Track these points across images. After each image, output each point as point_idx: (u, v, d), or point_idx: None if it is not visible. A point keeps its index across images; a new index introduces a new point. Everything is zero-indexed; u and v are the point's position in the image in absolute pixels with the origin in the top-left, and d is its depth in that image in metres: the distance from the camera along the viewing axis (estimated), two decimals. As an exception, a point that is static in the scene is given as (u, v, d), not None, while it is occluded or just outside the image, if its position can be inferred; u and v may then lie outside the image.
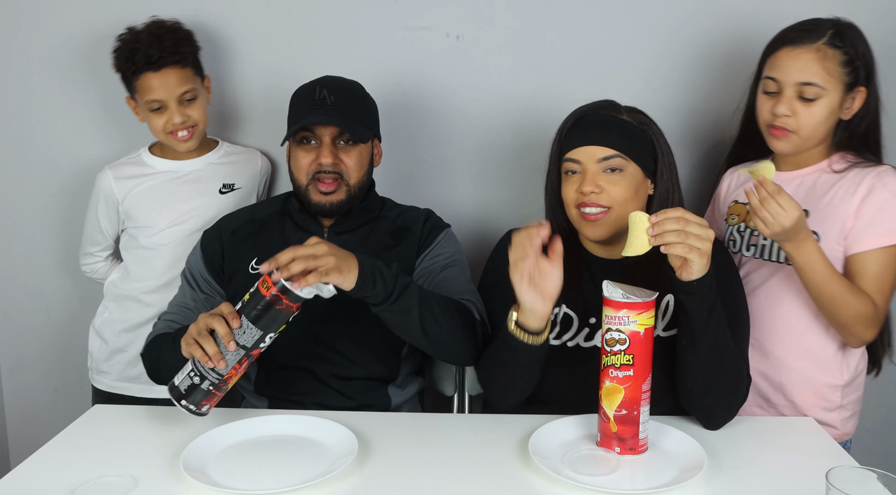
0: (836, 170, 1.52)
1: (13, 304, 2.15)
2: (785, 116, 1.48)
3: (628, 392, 1.23)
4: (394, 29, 1.94)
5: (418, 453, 1.31)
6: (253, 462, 1.25)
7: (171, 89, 1.74)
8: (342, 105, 1.53)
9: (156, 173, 1.86)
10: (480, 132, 1.99)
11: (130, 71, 1.74)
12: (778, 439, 1.38)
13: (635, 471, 1.23)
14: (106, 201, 1.87)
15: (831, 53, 1.45)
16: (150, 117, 1.78)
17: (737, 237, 1.63)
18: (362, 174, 1.57)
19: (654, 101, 1.95)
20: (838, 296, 1.42)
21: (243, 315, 1.24)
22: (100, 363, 1.92)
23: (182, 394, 1.27)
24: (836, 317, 1.46)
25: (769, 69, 1.52)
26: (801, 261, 1.41)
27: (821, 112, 1.47)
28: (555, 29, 1.93)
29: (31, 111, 2.03)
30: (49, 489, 1.17)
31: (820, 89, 1.45)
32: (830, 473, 0.99)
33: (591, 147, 1.39)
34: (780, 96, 1.48)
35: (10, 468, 1.25)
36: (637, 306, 1.21)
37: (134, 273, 1.88)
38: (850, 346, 1.53)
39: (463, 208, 2.01)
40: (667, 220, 1.21)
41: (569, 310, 1.47)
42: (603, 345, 1.25)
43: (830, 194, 1.50)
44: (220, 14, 1.94)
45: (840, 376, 1.56)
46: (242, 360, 1.26)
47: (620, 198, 1.39)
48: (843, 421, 1.60)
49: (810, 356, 1.56)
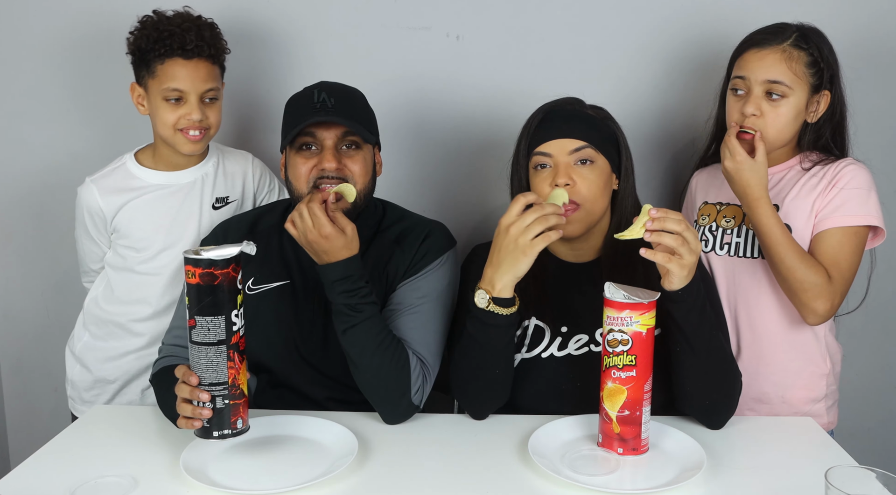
0: (804, 168, 1.58)
1: (13, 304, 2.15)
2: (753, 116, 1.51)
3: (631, 392, 1.23)
4: (394, 29, 1.94)
5: (418, 453, 1.31)
6: (253, 462, 1.25)
7: (198, 83, 1.62)
8: (344, 107, 1.46)
9: (147, 186, 1.71)
10: (480, 132, 1.99)
11: (157, 53, 1.59)
12: (778, 439, 1.39)
13: (635, 471, 1.23)
14: (93, 217, 1.72)
15: (797, 54, 1.50)
16: (162, 108, 1.62)
17: (709, 236, 1.65)
18: (368, 180, 1.50)
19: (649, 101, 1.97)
20: (788, 258, 1.47)
21: (196, 316, 1.16)
22: (82, 392, 1.80)
23: (209, 428, 1.19)
24: (787, 282, 1.49)
25: (737, 69, 1.56)
26: (755, 222, 1.49)
27: (787, 112, 1.51)
28: (555, 29, 1.93)
29: (29, 110, 2.03)
30: (49, 489, 1.17)
31: (786, 88, 1.50)
32: (830, 472, 0.99)
33: (562, 140, 1.42)
34: (748, 96, 1.52)
35: (10, 468, 1.25)
36: (639, 307, 1.22)
37: (122, 296, 1.74)
38: (808, 322, 1.52)
39: (462, 208, 2.01)
40: (669, 220, 1.23)
41: (539, 322, 1.47)
42: (605, 346, 1.25)
43: (797, 189, 1.56)
44: (220, 14, 1.93)
45: (824, 364, 1.60)
46: (231, 355, 1.18)
47: (590, 195, 1.41)
48: (829, 410, 1.63)
49: (793, 348, 1.59)
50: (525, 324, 1.47)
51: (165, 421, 1.37)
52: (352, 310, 1.37)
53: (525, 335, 1.47)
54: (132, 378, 1.77)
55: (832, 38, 1.57)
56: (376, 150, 1.58)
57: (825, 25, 1.58)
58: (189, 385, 1.18)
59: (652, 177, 2.00)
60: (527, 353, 1.46)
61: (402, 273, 1.50)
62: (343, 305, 1.37)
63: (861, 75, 1.76)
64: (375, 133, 1.55)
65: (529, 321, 1.47)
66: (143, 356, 1.75)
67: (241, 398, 1.20)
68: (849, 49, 1.66)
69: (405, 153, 1.98)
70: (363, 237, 1.48)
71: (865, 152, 1.68)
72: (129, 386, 1.77)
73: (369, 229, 1.54)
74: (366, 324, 1.37)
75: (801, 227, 1.53)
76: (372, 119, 1.55)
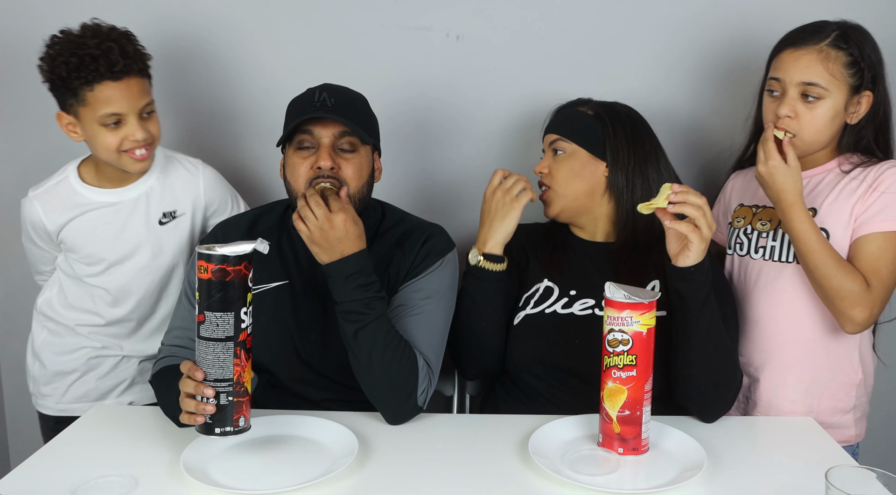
0: (844, 171, 1.52)
1: (13, 304, 2.15)
2: (787, 117, 1.47)
3: (631, 392, 1.23)
4: (394, 29, 1.94)
5: (418, 453, 1.31)
6: (253, 462, 1.25)
7: (133, 102, 1.54)
8: (343, 108, 1.46)
9: (90, 203, 1.65)
10: (480, 132, 1.99)
11: (83, 79, 1.49)
12: (778, 439, 1.39)
13: (635, 471, 1.23)
14: (37, 231, 1.69)
15: (834, 54, 1.45)
16: (100, 134, 1.54)
17: (743, 239, 1.61)
18: (362, 184, 1.48)
19: (655, 102, 1.97)
20: (823, 265, 1.42)
21: (206, 312, 1.16)
22: (41, 386, 1.79)
23: (211, 425, 1.18)
24: (824, 290, 1.44)
25: (773, 70, 1.52)
26: (789, 227, 1.44)
27: (824, 114, 1.46)
28: (555, 29, 1.93)
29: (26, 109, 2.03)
30: (49, 489, 1.17)
31: (822, 90, 1.44)
32: (830, 473, 0.99)
33: (547, 135, 1.64)
34: (784, 97, 1.48)
35: (10, 468, 1.25)
36: (640, 307, 1.22)
37: (74, 302, 1.73)
38: (846, 331, 1.47)
39: (463, 208, 2.01)
40: (691, 194, 1.32)
41: (550, 282, 1.58)
42: (605, 346, 1.25)
43: (836, 192, 1.50)
44: (218, 13, 1.94)
45: (855, 375, 1.55)
46: (238, 353, 1.18)
47: (561, 178, 1.58)
48: (857, 422, 1.59)
49: (826, 356, 1.53)
50: (537, 287, 1.59)
51: (166, 421, 1.36)
52: (365, 308, 1.36)
53: (534, 294, 1.58)
54: (89, 369, 1.76)
55: (877, 34, 1.50)
56: (376, 156, 1.57)
57: (869, 22, 1.52)
58: (194, 380, 1.18)
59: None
60: (532, 310, 1.57)
61: (404, 275, 1.50)
62: (356, 302, 1.36)
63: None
64: (375, 136, 1.54)
65: (542, 283, 1.59)
66: (98, 350, 1.76)
67: (244, 396, 1.20)
68: (891, 43, 1.58)
69: (404, 153, 1.98)
70: None
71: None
72: (87, 376, 1.77)
73: (369, 231, 1.53)
74: (377, 323, 1.36)
75: (840, 232, 1.48)
76: (372, 123, 1.55)
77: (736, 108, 1.79)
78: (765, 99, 1.54)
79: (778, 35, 1.55)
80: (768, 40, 1.57)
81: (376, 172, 1.57)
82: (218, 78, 1.95)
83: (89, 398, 1.77)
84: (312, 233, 1.35)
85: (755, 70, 1.64)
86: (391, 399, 1.39)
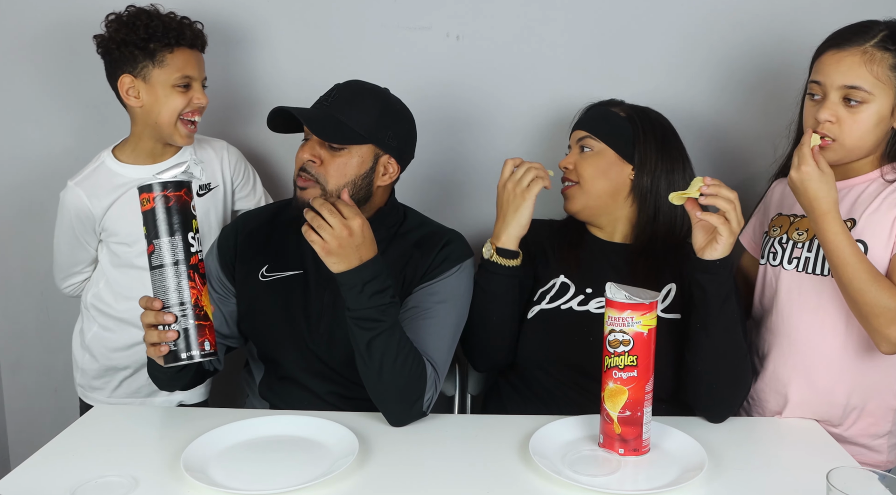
0: (888, 180, 1.43)
1: (13, 304, 2.15)
2: (828, 122, 1.38)
3: (632, 393, 1.23)
4: (394, 29, 1.94)
5: (418, 453, 1.31)
6: (253, 462, 1.25)
7: (201, 70, 1.71)
8: (337, 104, 1.43)
9: (130, 182, 1.69)
10: (480, 132, 1.99)
11: (163, 43, 1.63)
12: (778, 439, 1.39)
13: (636, 472, 1.23)
14: (81, 220, 1.72)
15: (879, 56, 1.36)
16: (171, 95, 1.65)
17: (778, 249, 1.53)
18: (343, 183, 1.43)
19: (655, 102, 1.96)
20: (858, 279, 1.34)
21: (154, 241, 1.20)
22: (91, 379, 1.82)
23: (176, 352, 1.21)
24: (857, 305, 1.36)
25: (814, 73, 1.43)
26: (822, 238, 1.36)
27: (867, 119, 1.38)
28: (555, 29, 1.93)
29: (27, 107, 2.03)
30: (49, 489, 1.17)
31: (866, 94, 1.36)
32: (831, 474, 0.99)
33: (576, 131, 1.64)
34: (825, 101, 1.39)
35: (10, 468, 1.25)
36: (641, 307, 1.22)
37: (125, 292, 1.74)
38: (881, 351, 1.38)
39: (464, 209, 2.01)
40: (723, 187, 1.33)
41: (566, 279, 1.58)
42: (606, 347, 1.25)
43: (877, 202, 1.42)
44: (217, 13, 1.93)
45: (892, 398, 1.47)
46: (192, 275, 1.21)
47: (587, 175, 1.58)
48: (891, 448, 1.51)
49: (860, 377, 1.45)
50: (552, 282, 1.59)
51: (166, 422, 1.37)
52: (381, 315, 1.32)
53: (550, 290, 1.58)
54: (142, 365, 1.75)
55: None
56: (391, 159, 1.49)
57: None
58: (152, 309, 1.20)
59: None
60: (547, 305, 1.56)
61: (420, 276, 1.49)
62: (373, 309, 1.32)
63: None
64: (373, 136, 1.45)
65: (558, 278, 1.59)
66: None
67: (206, 320, 1.22)
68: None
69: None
70: (381, 238, 1.45)
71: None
72: (140, 373, 1.78)
73: (388, 231, 1.53)
74: (391, 331, 1.34)
75: (880, 246, 1.40)
76: (376, 121, 1.45)
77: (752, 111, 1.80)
78: (805, 103, 1.46)
79: (810, 37, 1.48)
80: (797, 43, 1.54)
81: (380, 175, 1.48)
82: (216, 77, 1.95)
83: (140, 394, 1.79)
84: (329, 244, 1.28)
85: (779, 75, 1.64)
86: (397, 405, 1.38)
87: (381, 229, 1.48)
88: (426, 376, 1.38)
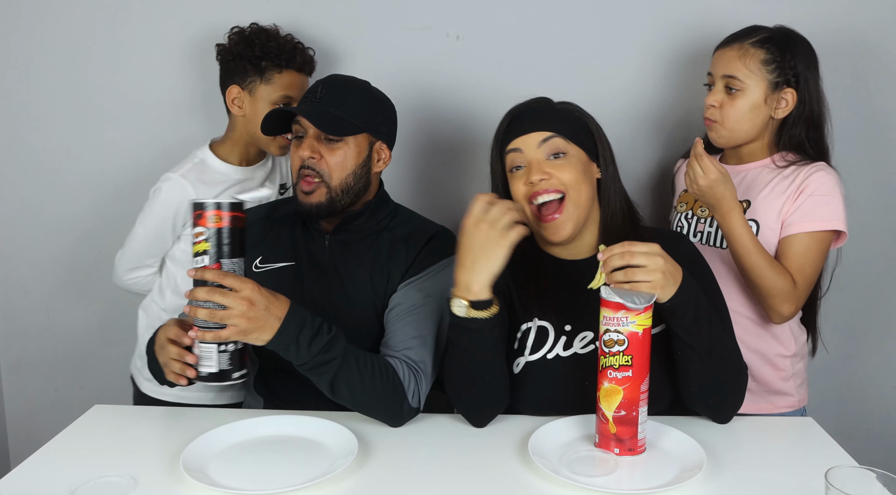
0: (778, 166, 1.65)
1: (13, 304, 2.15)
2: (712, 107, 1.64)
3: (627, 393, 1.23)
4: (394, 29, 1.95)
5: (418, 453, 1.31)
6: (253, 462, 1.25)
7: (300, 93, 1.77)
8: (328, 98, 1.46)
9: (229, 181, 1.79)
10: (480, 132, 1.98)
11: (274, 63, 1.74)
12: (777, 438, 1.39)
13: (634, 471, 1.23)
14: (179, 212, 1.74)
15: (753, 52, 1.61)
16: None
17: (684, 224, 1.75)
18: (346, 175, 1.47)
19: (656, 102, 1.96)
20: (758, 267, 1.55)
21: (222, 260, 1.21)
22: None
23: (228, 371, 1.24)
24: (756, 287, 1.58)
25: (710, 66, 1.69)
26: (727, 230, 1.55)
27: (742, 105, 1.62)
28: (554, 28, 1.93)
29: (30, 111, 2.03)
30: (49, 489, 1.17)
31: (741, 83, 1.61)
32: (830, 473, 0.99)
33: (529, 134, 1.41)
34: (713, 89, 1.66)
35: (10, 468, 1.25)
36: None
37: None
38: (773, 322, 1.63)
39: (464, 209, 2.01)
40: (612, 257, 1.21)
41: (542, 322, 1.43)
42: (601, 346, 1.25)
43: (769, 187, 1.63)
44: (218, 13, 1.94)
45: (788, 347, 1.69)
46: None
47: (571, 181, 1.39)
48: (798, 388, 1.72)
49: (763, 332, 1.67)
50: (527, 327, 1.43)
51: (165, 422, 1.37)
52: (328, 354, 1.29)
53: (527, 337, 1.42)
54: None
55: (837, 42, 1.59)
56: (382, 145, 1.54)
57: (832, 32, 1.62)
58: (180, 344, 1.25)
59: (652, 174, 2.01)
60: (531, 356, 1.41)
61: (405, 270, 1.50)
62: (318, 354, 1.28)
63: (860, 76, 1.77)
64: (369, 125, 1.49)
65: (532, 322, 1.43)
66: None
67: None
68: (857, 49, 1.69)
69: (404, 153, 1.98)
70: (370, 231, 1.52)
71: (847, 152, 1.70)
72: None
73: (378, 224, 1.55)
74: (344, 362, 1.31)
75: (769, 226, 1.62)
76: (368, 109, 1.50)
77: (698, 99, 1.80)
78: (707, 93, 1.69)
79: None
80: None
81: (376, 162, 1.53)
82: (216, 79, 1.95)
83: (193, 388, 1.77)
84: (240, 325, 1.20)
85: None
86: (385, 415, 1.38)
87: (370, 222, 1.53)
88: (399, 377, 1.37)
